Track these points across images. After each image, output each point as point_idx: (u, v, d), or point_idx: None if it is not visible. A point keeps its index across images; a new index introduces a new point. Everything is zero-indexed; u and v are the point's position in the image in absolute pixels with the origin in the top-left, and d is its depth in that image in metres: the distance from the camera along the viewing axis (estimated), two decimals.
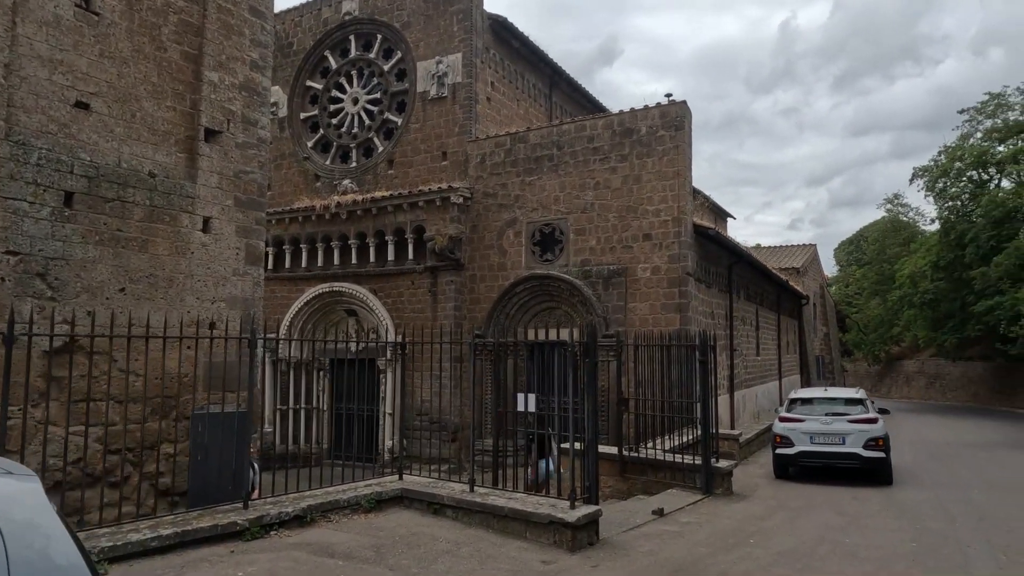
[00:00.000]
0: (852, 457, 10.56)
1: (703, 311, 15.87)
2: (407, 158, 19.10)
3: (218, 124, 9.77)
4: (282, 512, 6.57)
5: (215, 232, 9.64)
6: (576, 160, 16.07)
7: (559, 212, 16.21)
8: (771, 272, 23.13)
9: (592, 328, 7.31)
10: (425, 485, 7.93)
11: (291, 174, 21.10)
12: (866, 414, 10.92)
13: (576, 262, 15.88)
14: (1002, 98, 35.96)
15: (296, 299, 19.44)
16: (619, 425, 10.72)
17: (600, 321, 15.17)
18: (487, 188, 17.34)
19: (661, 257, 14.85)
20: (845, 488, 10.37)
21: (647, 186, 15.12)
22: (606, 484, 10.67)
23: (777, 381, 26.52)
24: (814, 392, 12.27)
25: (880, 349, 48.82)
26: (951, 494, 10.05)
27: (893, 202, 52.91)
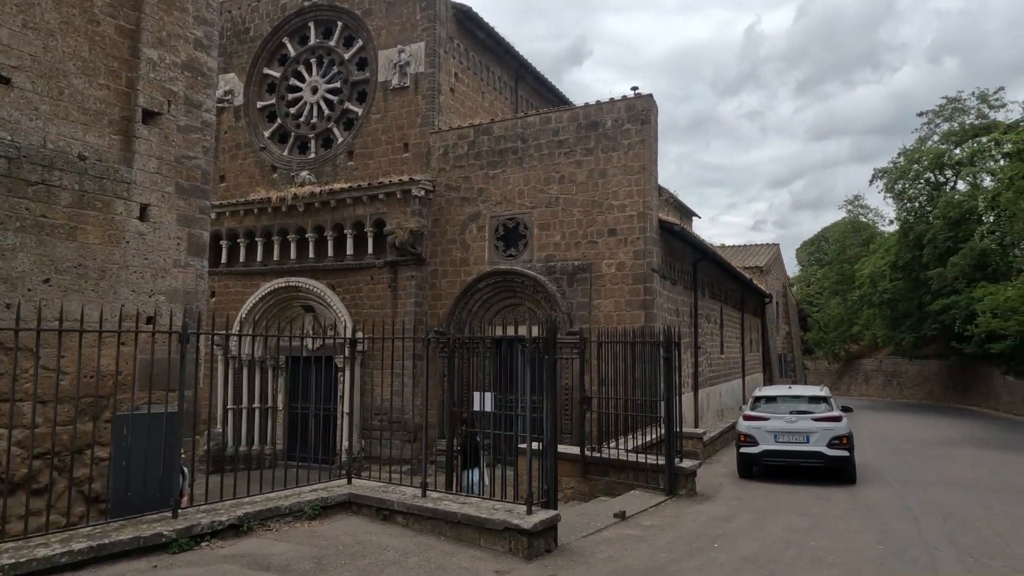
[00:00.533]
0: (816, 456, 10.41)
1: (668, 308, 15.67)
2: (368, 149, 18.53)
3: (158, 105, 9.15)
4: (215, 521, 6.06)
5: (154, 220, 9.03)
6: (541, 153, 15.71)
7: (523, 206, 15.84)
8: (735, 270, 23.14)
9: (552, 323, 6.96)
10: (375, 490, 7.47)
11: (247, 165, 20.34)
12: (830, 412, 10.80)
13: (540, 257, 15.53)
14: (959, 102, 36.75)
15: (251, 294, 18.72)
16: (582, 424, 10.40)
17: (564, 318, 14.85)
18: (450, 181, 16.88)
19: (626, 253, 14.59)
20: (809, 488, 10.21)
21: (612, 180, 14.84)
22: (567, 485, 10.34)
23: (741, 379, 26.61)
24: (778, 390, 12.13)
25: (840, 348, 49.66)
26: (914, 493, 9.96)
27: (854, 203, 53.89)
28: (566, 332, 14.65)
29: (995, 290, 25.52)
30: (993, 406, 32.95)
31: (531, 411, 6.65)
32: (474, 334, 14.37)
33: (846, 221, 53.73)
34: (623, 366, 10.38)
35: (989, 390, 34.24)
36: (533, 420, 6.97)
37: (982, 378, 35.03)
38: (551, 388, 6.83)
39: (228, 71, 20.78)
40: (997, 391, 33.14)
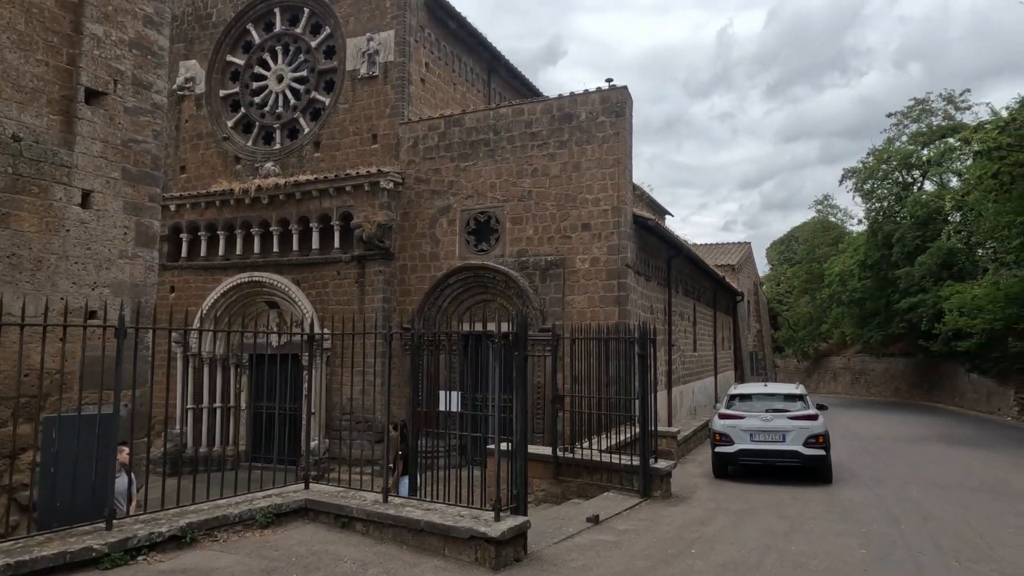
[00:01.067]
0: (792, 455, 10.19)
1: (642, 305, 15.40)
2: (335, 140, 17.94)
3: (103, 84, 8.54)
4: (155, 532, 5.54)
5: (97, 208, 8.43)
6: (513, 146, 15.32)
7: (495, 200, 15.43)
8: (709, 268, 23.02)
9: (523, 318, 6.56)
10: (333, 495, 7.01)
11: (209, 155, 19.59)
12: (806, 410, 10.59)
13: (512, 252, 15.14)
14: (926, 104, 37.25)
15: (212, 290, 18.02)
16: (554, 424, 10.04)
17: (537, 314, 14.48)
18: (420, 173, 16.40)
19: (600, 248, 14.27)
20: (785, 488, 9.98)
21: (586, 174, 14.51)
22: (539, 487, 9.97)
23: (713, 377, 26.55)
24: (753, 388, 11.91)
25: (809, 346, 50.17)
26: (891, 492, 9.79)
27: (823, 203, 54.56)
28: (538, 329, 14.28)
29: (962, 289, 25.82)
30: (958, 403, 33.43)
31: (500, 411, 6.25)
32: (440, 330, 13.92)
33: (816, 221, 54.36)
34: (597, 364, 10.04)
35: (954, 387, 34.74)
36: (502, 420, 6.58)
37: (947, 376, 35.53)
38: (521, 386, 6.44)
39: (189, 57, 20.00)
40: (962, 388, 33.62)
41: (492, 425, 6.87)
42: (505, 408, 6.39)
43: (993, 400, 30.03)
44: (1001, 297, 22.26)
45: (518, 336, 6.44)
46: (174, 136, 20.04)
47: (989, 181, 19.50)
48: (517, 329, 6.46)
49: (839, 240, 49.43)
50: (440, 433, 8.40)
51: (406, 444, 9.57)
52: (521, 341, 6.44)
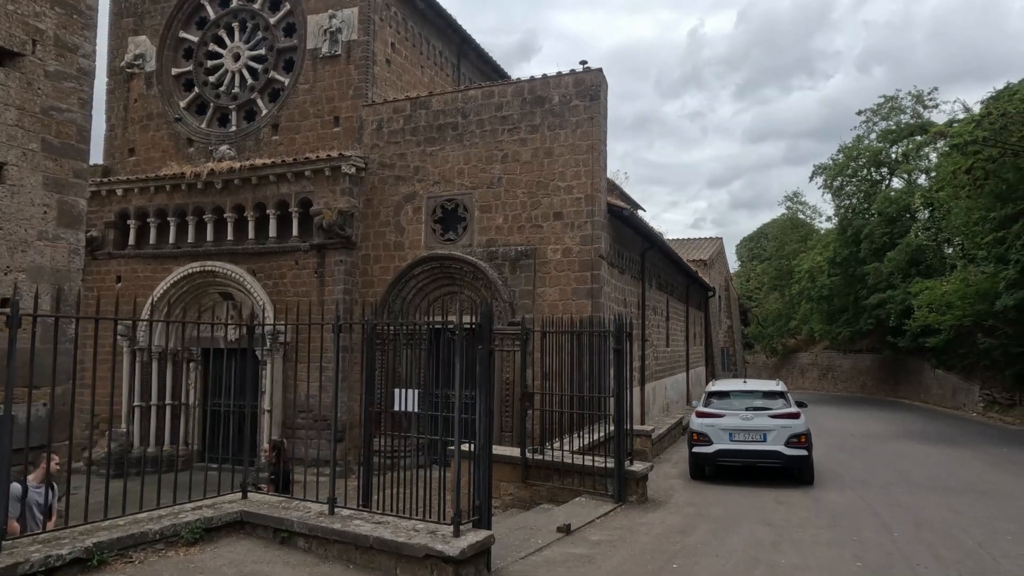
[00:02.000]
0: (774, 456, 9.67)
1: (616, 298, 14.80)
2: (294, 123, 16.98)
3: (18, 44, 7.59)
4: (53, 556, 4.71)
5: (12, 183, 7.49)
6: (483, 130, 14.57)
7: (463, 187, 14.67)
8: (683, 262, 22.57)
9: (488, 308, 5.85)
10: (273, 506, 6.22)
11: (159, 137, 18.44)
12: (788, 408, 10.08)
13: (481, 242, 14.41)
14: (895, 101, 37.43)
15: (162, 280, 16.94)
16: (523, 424, 9.35)
17: (506, 307, 13.79)
18: (384, 158, 15.55)
19: (573, 238, 13.62)
20: (766, 490, 9.46)
21: (559, 160, 13.84)
22: (506, 491, 9.29)
23: (685, 373, 26.18)
24: (732, 384, 11.37)
25: (777, 342, 50.41)
26: (877, 495, 9.32)
27: (793, 200, 54.82)
28: (507, 322, 13.60)
29: (932, 285, 25.80)
30: (923, 399, 33.69)
31: (461, 410, 5.54)
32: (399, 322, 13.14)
33: (785, 218, 54.67)
34: (569, 359, 9.38)
35: (920, 383, 35.01)
36: (464, 421, 5.88)
37: (913, 372, 35.81)
38: (486, 383, 5.74)
39: (139, 33, 18.81)
40: (927, 384, 33.89)
41: (447, 426, 6.16)
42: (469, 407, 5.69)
43: (958, 396, 30.26)
44: (972, 293, 22.22)
45: (482, 328, 5.73)
46: (122, 117, 18.85)
47: (962, 177, 19.35)
48: (481, 320, 5.76)
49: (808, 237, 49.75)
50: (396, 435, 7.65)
51: (279, 465, 8.87)
52: (485, 333, 5.73)
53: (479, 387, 5.72)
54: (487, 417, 5.69)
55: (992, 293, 21.16)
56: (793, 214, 54.30)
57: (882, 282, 32.60)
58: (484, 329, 5.73)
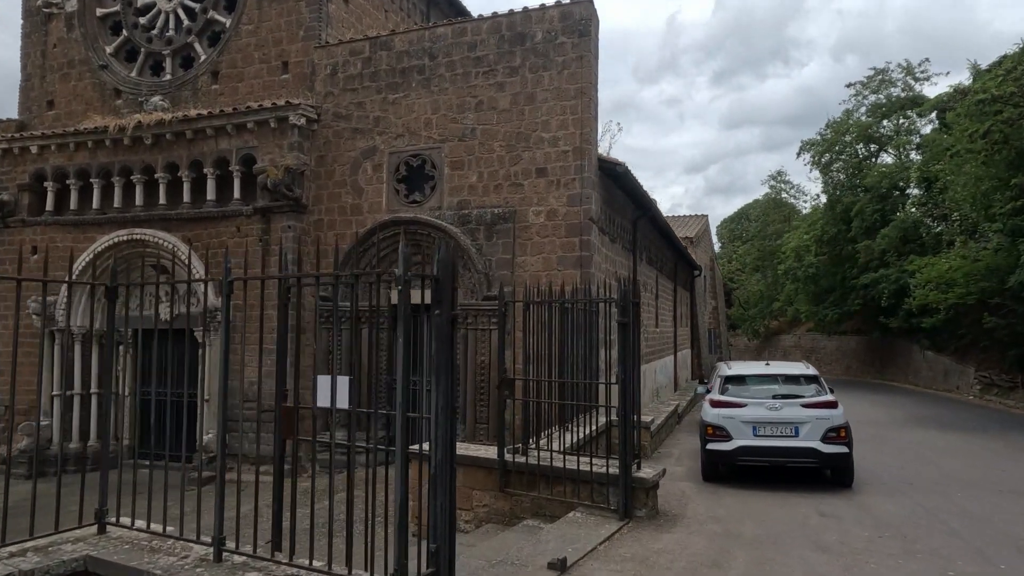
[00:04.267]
0: (809, 454, 7.91)
1: (606, 270, 12.93)
2: (237, 69, 14.73)
3: None
4: None
5: None
6: (454, 73, 12.51)
7: (431, 140, 12.62)
8: (674, 235, 20.79)
9: (447, 255, 3.89)
10: (136, 547, 4.25)
11: (83, 87, 16.04)
12: (823, 396, 8.32)
13: (452, 204, 12.41)
14: (886, 74, 35.98)
15: (85, 250, 14.66)
16: (501, 418, 7.45)
17: (481, 279, 11.84)
18: (339, 108, 13.42)
19: (559, 198, 11.68)
20: (799, 496, 7.71)
21: (543, 107, 11.85)
22: (480, 503, 7.41)
23: (673, 356, 24.53)
24: (753, 367, 9.57)
25: (760, 324, 49.30)
26: (936, 502, 7.61)
27: (777, 179, 53.52)
28: (482, 296, 11.68)
29: (934, 262, 24.39)
30: (912, 381, 32.66)
31: (405, 406, 3.62)
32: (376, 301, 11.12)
33: (768, 198, 53.45)
34: (558, 338, 7.50)
35: (908, 365, 33.98)
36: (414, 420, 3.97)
37: (902, 354, 34.76)
38: (447, 366, 3.80)
39: None
40: (916, 366, 32.86)
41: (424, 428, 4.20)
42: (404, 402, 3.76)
43: (951, 378, 29.21)
44: (981, 269, 20.79)
45: (440, 284, 3.79)
46: (40, 64, 16.41)
47: (978, 142, 17.77)
48: (439, 271, 3.81)
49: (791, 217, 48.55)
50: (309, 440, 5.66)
51: None
52: (445, 291, 3.79)
53: (436, 372, 3.79)
54: (447, 416, 3.76)
55: (1004, 268, 19.76)
56: (776, 194, 53.05)
57: (874, 261, 31.32)
58: (443, 285, 3.78)
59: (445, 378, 3.79)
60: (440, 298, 3.81)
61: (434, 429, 3.74)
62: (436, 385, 3.77)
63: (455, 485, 3.90)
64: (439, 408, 3.75)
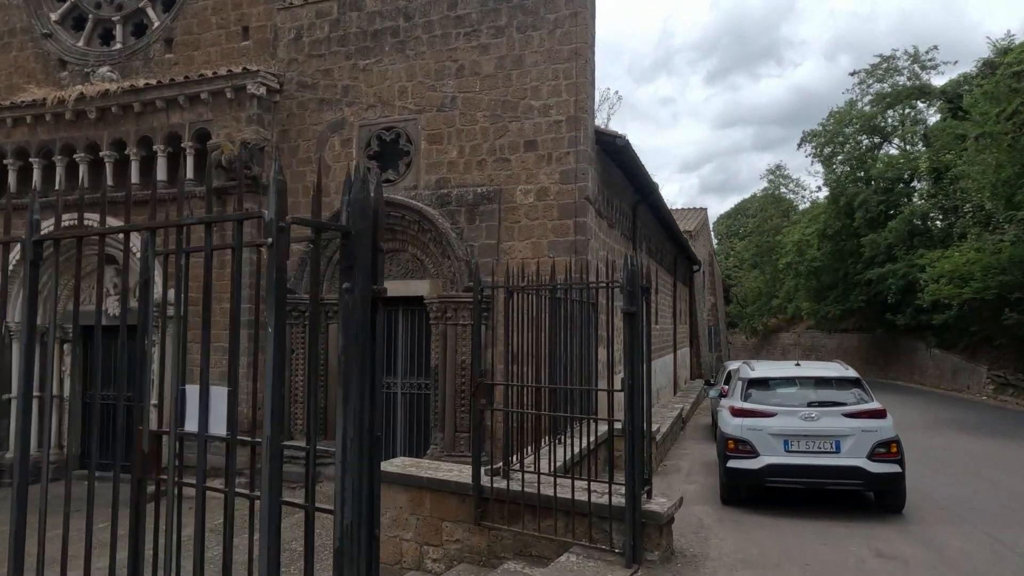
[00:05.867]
0: (853, 473, 6.51)
1: (603, 258, 11.48)
2: (193, 36, 13.21)
3: None
4: None
5: None
6: (432, 35, 11.05)
7: (406, 111, 11.16)
8: (675, 225, 19.40)
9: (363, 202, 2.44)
10: None
11: (23, 58, 14.49)
12: (868, 403, 6.91)
13: (429, 183, 10.95)
14: (891, 61, 34.68)
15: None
16: (477, 431, 6.00)
17: (461, 267, 10.39)
18: (304, 76, 11.94)
19: (550, 175, 10.24)
20: (843, 525, 6.31)
21: (532, 72, 10.41)
22: (451, 536, 5.97)
23: (672, 354, 23.14)
24: (781, 368, 8.14)
25: (758, 321, 48.10)
26: (1017, 534, 6.19)
27: (775, 174, 52.33)
28: (462, 287, 10.24)
29: (948, 255, 23.08)
30: (918, 380, 31.49)
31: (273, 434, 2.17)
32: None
33: (767, 193, 52.34)
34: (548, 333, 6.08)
35: (913, 364, 32.80)
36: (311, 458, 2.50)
37: (906, 352, 33.58)
38: (360, 376, 2.34)
39: None
40: (922, 365, 31.69)
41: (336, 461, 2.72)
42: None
43: (960, 377, 28.03)
44: (1004, 261, 19.48)
45: (353, 240, 2.33)
46: None
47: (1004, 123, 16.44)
48: (351, 220, 2.35)
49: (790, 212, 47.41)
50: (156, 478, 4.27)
51: None
52: (362, 253, 2.33)
53: (345, 383, 2.32)
54: (362, 451, 2.29)
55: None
56: (775, 188, 51.88)
57: (880, 255, 30.08)
58: (357, 242, 2.32)
59: (360, 392, 2.33)
60: (352, 263, 2.35)
61: (339, 473, 2.28)
62: (344, 404, 2.31)
63: (378, 566, 2.43)
64: (347, 440, 2.29)
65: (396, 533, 6.28)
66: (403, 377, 11.36)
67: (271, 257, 2.12)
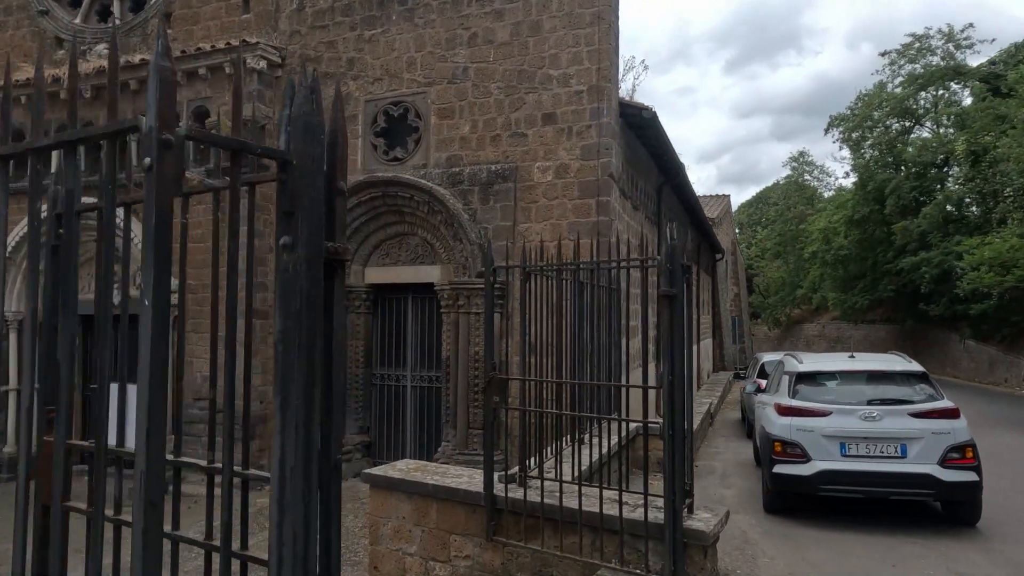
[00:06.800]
0: (922, 481, 5.68)
1: (628, 242, 10.64)
2: (192, 10, 12.52)
3: None
4: None
5: None
6: (442, 2, 10.24)
7: (415, 84, 10.38)
8: (701, 210, 18.48)
9: (313, 123, 1.71)
10: None
11: (19, 37, 13.91)
12: (938, 401, 6.05)
13: (440, 160, 10.18)
14: (924, 40, 33.23)
15: (20, 223, 12.59)
16: (490, 431, 5.24)
17: (475, 251, 9.62)
18: (307, 49, 11.21)
19: (571, 150, 9.42)
20: (912, 541, 5.48)
21: (550, 39, 9.57)
22: (460, 551, 5.23)
23: (696, 345, 22.23)
24: (833, 361, 7.25)
25: (781, 312, 46.90)
26: None
27: (799, 160, 50.99)
28: (475, 272, 9.47)
29: (989, 241, 21.91)
30: (952, 373, 30.32)
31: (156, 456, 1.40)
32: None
33: (790, 180, 51.04)
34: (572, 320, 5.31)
35: (945, 356, 31.62)
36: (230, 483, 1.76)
37: (937, 343, 32.37)
38: (306, 369, 1.57)
39: None
40: (955, 357, 30.55)
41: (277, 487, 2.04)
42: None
43: (996, 370, 26.91)
44: None
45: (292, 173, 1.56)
46: None
47: None
48: (291, 143, 1.58)
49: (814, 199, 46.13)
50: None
51: None
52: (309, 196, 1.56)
53: (282, 381, 1.55)
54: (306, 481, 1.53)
55: None
56: (799, 176, 50.53)
57: (912, 243, 28.86)
58: (300, 177, 1.55)
59: (306, 396, 1.57)
60: (293, 207, 1.58)
61: (275, 514, 1.51)
62: (282, 412, 1.54)
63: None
64: (285, 467, 1.52)
65: (399, 546, 5.56)
66: (413, 369, 10.65)
67: (149, 187, 1.35)
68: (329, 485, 1.66)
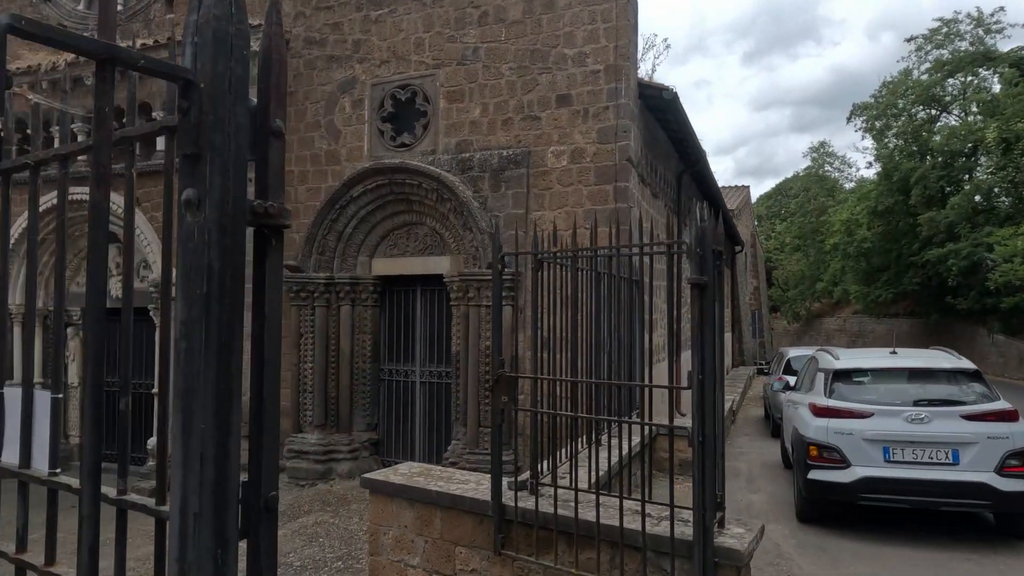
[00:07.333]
0: (976, 491, 5.15)
1: (648, 231, 10.13)
2: None
3: None
4: None
5: None
6: None
7: (423, 66, 9.91)
8: (722, 200, 17.85)
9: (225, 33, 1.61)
10: None
11: None
12: (994, 403, 5.50)
13: (449, 146, 9.72)
14: (952, 25, 32.19)
15: (21, 214, 12.31)
16: (497, 434, 4.78)
17: (485, 240, 9.16)
18: (311, 32, 10.78)
19: (586, 133, 8.91)
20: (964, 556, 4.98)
21: (566, 15, 9.05)
22: (465, 566, 4.79)
23: None
24: (873, 358, 6.69)
25: (801, 306, 46.02)
26: None
27: (819, 151, 49.97)
28: (486, 263, 9.01)
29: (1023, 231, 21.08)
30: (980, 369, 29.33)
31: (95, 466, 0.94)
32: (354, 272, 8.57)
33: (810, 172, 50.07)
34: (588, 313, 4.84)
35: (973, 351, 30.63)
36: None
37: (963, 337, 31.44)
38: (217, 372, 1.11)
39: None
40: (983, 351, 29.62)
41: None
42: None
43: None
44: None
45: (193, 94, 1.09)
46: None
47: None
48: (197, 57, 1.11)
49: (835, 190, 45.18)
50: None
51: None
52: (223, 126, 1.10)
53: (182, 394, 1.09)
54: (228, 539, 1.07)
55: None
56: (819, 167, 49.53)
57: (939, 234, 27.99)
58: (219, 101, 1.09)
59: (217, 415, 1.11)
60: (199, 148, 1.12)
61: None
62: (184, 439, 1.09)
63: None
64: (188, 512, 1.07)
65: (400, 557, 5.13)
66: (422, 364, 10.23)
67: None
68: (258, 537, 1.20)
